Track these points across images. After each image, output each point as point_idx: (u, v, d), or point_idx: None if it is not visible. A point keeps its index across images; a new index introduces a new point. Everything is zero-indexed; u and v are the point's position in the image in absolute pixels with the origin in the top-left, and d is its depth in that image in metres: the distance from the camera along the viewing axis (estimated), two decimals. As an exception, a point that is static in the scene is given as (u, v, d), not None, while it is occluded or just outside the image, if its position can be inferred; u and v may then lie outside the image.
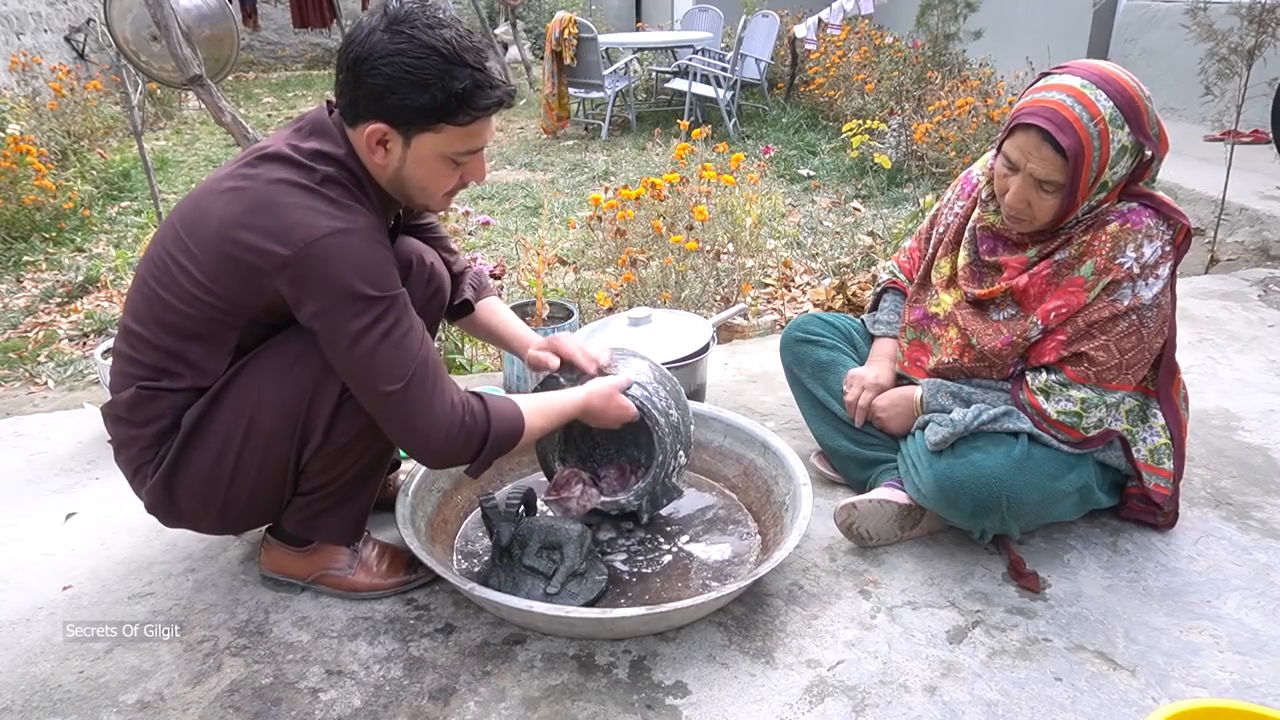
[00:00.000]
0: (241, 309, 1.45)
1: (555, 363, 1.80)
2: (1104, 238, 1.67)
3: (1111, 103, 1.58)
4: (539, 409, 1.63)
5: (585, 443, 1.98)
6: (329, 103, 1.51)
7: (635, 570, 1.80)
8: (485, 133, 1.47)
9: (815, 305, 3.51)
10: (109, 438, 1.59)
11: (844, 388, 2.01)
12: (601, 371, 1.79)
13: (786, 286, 3.85)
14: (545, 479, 1.94)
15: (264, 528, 1.73)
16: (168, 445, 1.51)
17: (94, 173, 5.62)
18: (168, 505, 1.55)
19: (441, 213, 1.56)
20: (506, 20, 10.74)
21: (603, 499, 1.83)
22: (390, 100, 1.37)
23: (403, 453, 1.79)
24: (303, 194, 1.39)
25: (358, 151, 1.46)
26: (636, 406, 1.75)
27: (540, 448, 1.90)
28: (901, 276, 2.11)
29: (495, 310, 1.90)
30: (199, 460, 1.50)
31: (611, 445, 1.99)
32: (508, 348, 1.92)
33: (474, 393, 1.55)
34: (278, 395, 1.48)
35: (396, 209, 1.59)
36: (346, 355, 1.41)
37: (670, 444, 1.79)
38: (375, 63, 1.35)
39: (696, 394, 2.36)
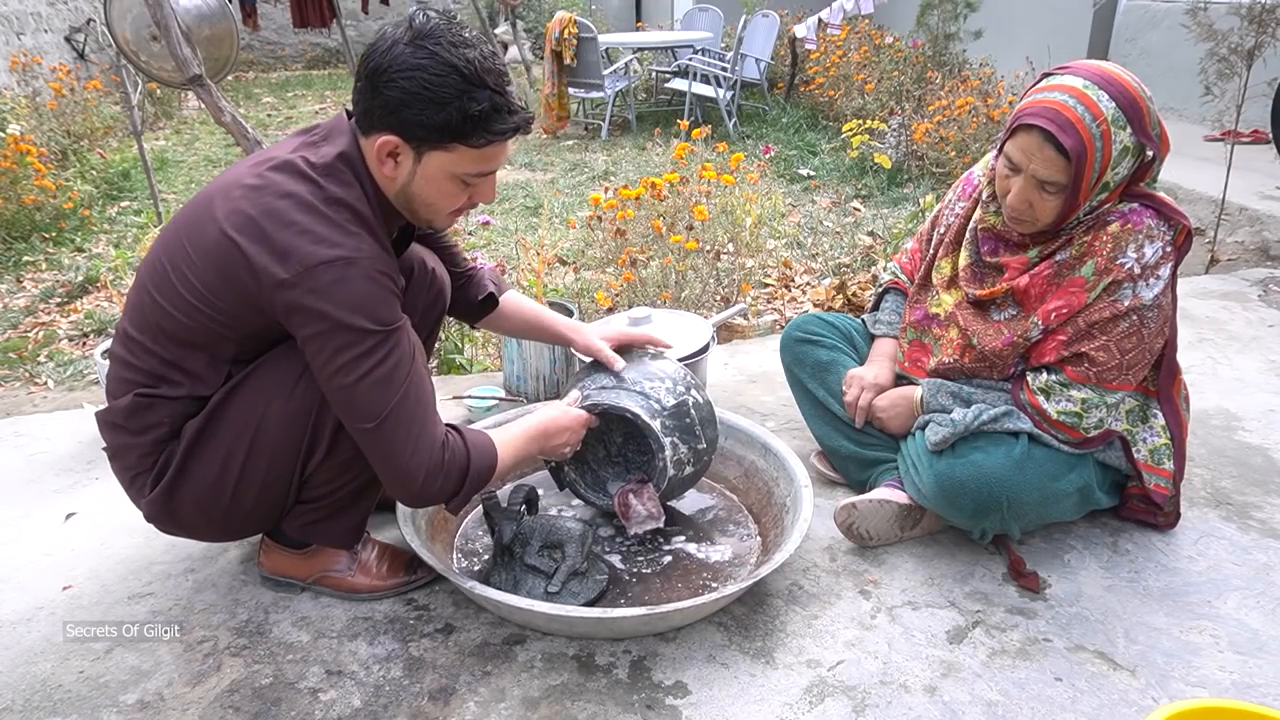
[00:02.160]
0: (239, 323, 1.43)
1: (620, 364, 1.80)
2: (1105, 238, 1.67)
3: (1113, 103, 1.58)
4: (506, 441, 1.61)
5: (598, 470, 1.95)
6: (347, 111, 1.49)
7: (635, 570, 1.80)
8: (499, 156, 1.44)
9: (815, 305, 3.51)
10: (104, 445, 1.57)
11: (844, 388, 2.01)
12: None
13: (786, 286, 3.85)
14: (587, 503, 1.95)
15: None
16: (166, 454, 1.49)
17: (94, 173, 5.62)
18: (168, 516, 1.54)
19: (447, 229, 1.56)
20: (506, 20, 10.74)
21: (653, 481, 1.80)
22: (405, 114, 1.35)
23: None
24: (308, 214, 1.35)
25: (368, 161, 1.43)
26: (582, 408, 1.76)
27: (580, 494, 1.91)
28: (903, 277, 2.11)
29: (522, 301, 1.90)
30: (201, 472, 1.48)
31: (613, 466, 1.96)
32: (548, 335, 1.91)
33: (451, 426, 1.53)
34: (284, 408, 1.46)
35: (402, 220, 1.55)
36: (329, 385, 1.40)
37: (637, 398, 1.75)
38: (394, 75, 1.33)
39: (696, 394, 2.36)
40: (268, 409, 1.46)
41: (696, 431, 1.79)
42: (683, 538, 1.90)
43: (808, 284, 3.88)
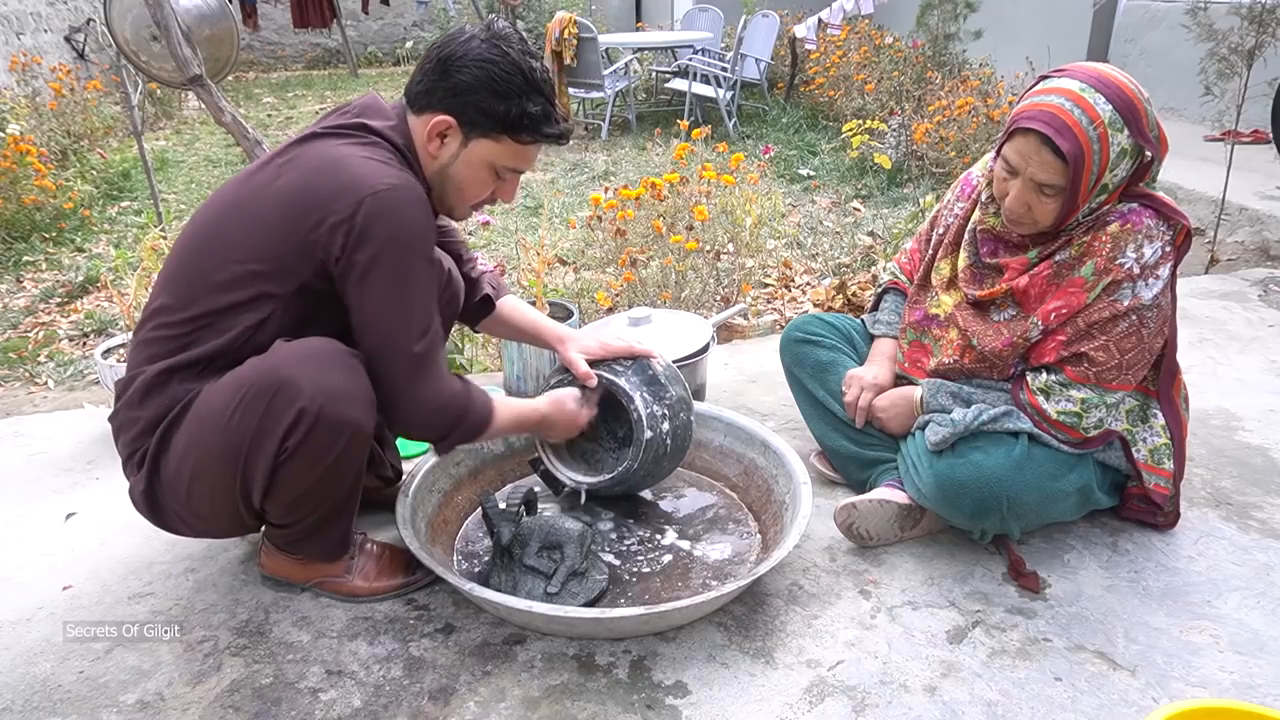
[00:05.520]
0: (288, 275, 1.46)
1: (594, 381, 1.82)
2: (1104, 238, 1.68)
3: (1110, 106, 1.58)
4: (507, 409, 1.70)
5: (586, 457, 2.00)
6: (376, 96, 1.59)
7: (635, 570, 1.80)
8: (533, 157, 1.59)
9: (815, 305, 3.51)
10: (109, 415, 1.59)
11: (843, 388, 2.01)
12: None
13: (786, 286, 3.85)
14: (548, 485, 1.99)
15: (263, 529, 1.73)
16: (156, 437, 1.51)
17: (94, 173, 5.62)
18: (148, 504, 1.56)
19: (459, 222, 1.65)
20: (506, 20, 10.75)
21: (633, 437, 1.82)
22: (468, 99, 1.48)
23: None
24: (361, 148, 1.47)
25: (413, 136, 1.53)
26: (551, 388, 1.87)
27: (546, 469, 1.95)
28: (902, 277, 2.11)
29: (518, 306, 1.95)
30: (167, 471, 1.51)
31: (601, 450, 2.01)
32: (540, 342, 1.95)
33: (457, 375, 1.61)
34: (219, 442, 1.44)
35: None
36: (383, 306, 1.46)
37: (601, 368, 1.84)
38: (467, 63, 1.47)
39: (697, 394, 2.36)
40: (209, 438, 1.45)
41: (661, 381, 1.85)
42: (685, 536, 1.90)
43: (808, 284, 3.88)
